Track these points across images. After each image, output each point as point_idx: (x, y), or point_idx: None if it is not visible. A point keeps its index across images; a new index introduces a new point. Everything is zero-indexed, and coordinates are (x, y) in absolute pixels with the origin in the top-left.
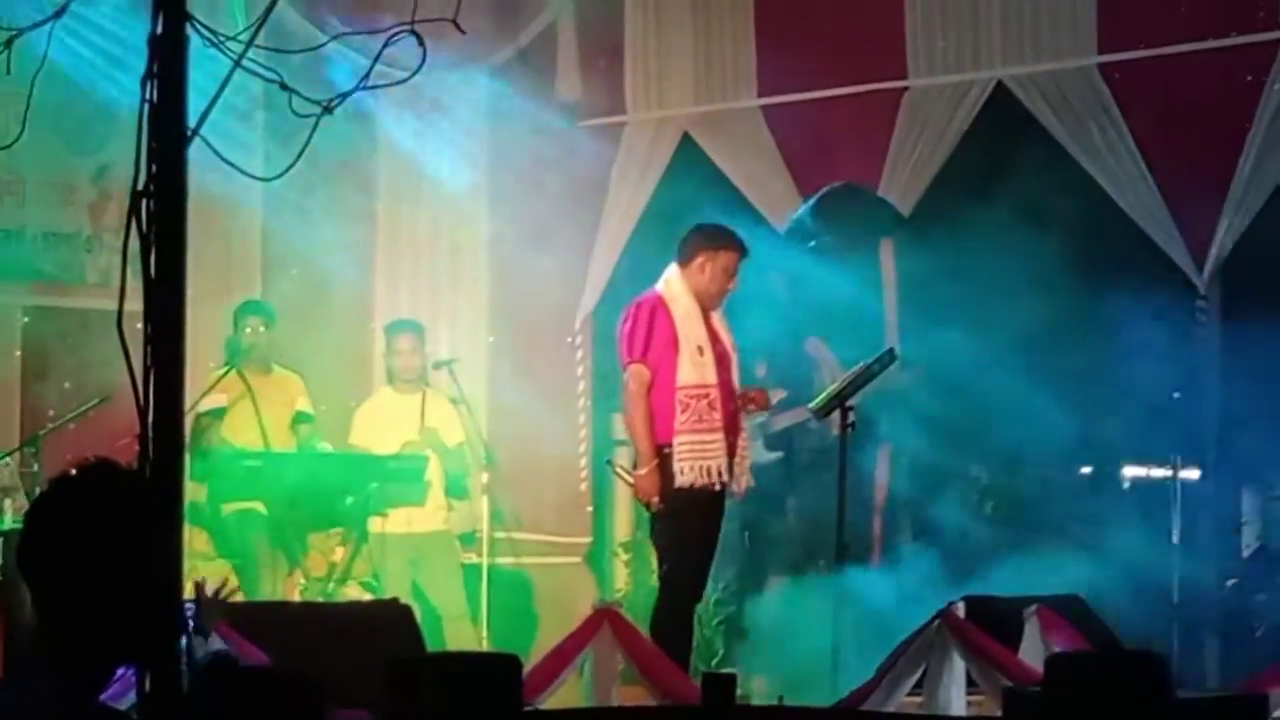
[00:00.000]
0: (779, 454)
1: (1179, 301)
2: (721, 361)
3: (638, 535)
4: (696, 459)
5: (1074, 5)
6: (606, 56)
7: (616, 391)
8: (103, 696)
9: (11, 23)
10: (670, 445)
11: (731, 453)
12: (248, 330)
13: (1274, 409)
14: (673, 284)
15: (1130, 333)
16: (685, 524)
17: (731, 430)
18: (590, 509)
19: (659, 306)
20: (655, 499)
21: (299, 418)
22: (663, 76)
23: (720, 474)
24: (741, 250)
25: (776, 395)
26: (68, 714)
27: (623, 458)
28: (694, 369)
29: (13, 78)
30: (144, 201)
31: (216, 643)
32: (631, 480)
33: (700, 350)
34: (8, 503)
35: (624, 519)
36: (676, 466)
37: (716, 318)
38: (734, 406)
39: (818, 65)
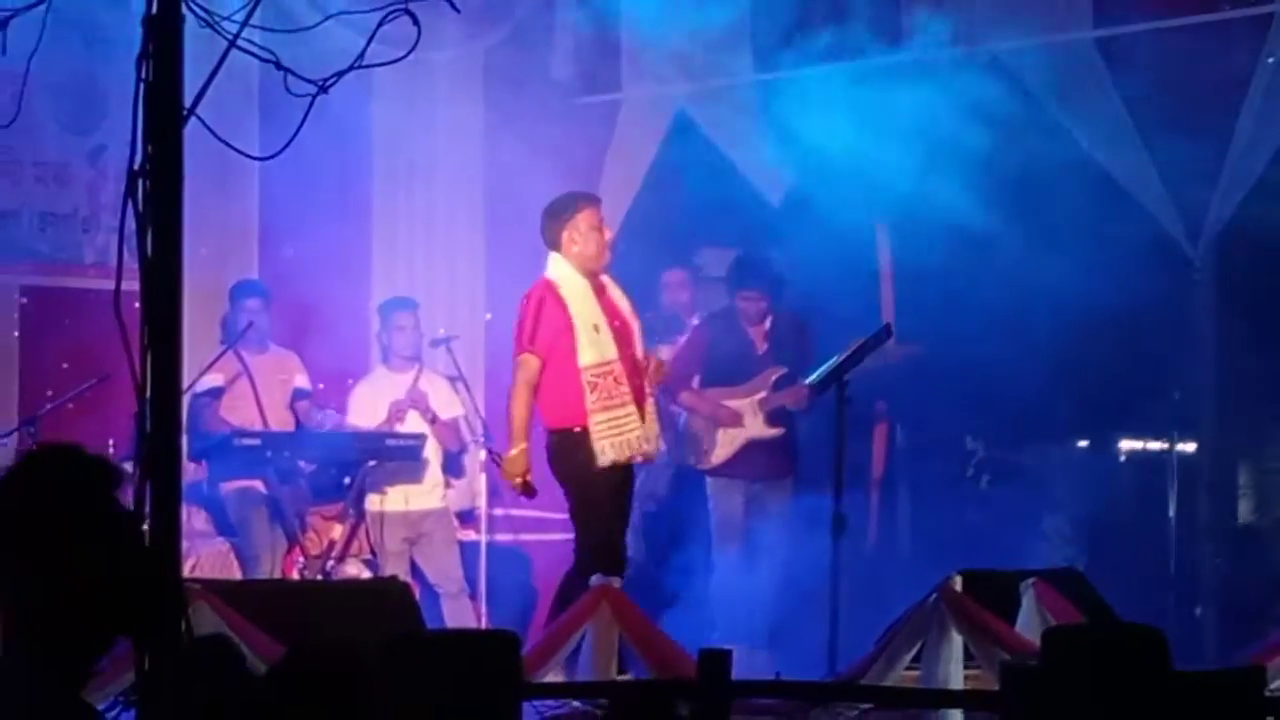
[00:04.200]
0: (779, 430)
1: (1175, 272)
2: (621, 335)
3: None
4: (615, 435)
5: None
6: (601, 33)
7: None
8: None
9: (5, 3)
10: (585, 428)
11: (645, 420)
12: (245, 310)
13: (1269, 379)
14: (558, 266)
15: (1126, 305)
16: (598, 498)
17: (640, 400)
18: None
19: (547, 294)
20: (519, 480)
21: (297, 394)
22: (657, 52)
23: (641, 445)
24: (595, 201)
25: (775, 373)
26: (47, 704)
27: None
28: (593, 347)
29: (8, 58)
30: (140, 181)
31: (217, 625)
32: (500, 461)
33: (596, 328)
34: None
35: None
36: (597, 447)
37: (614, 292)
38: (640, 379)
39: (811, 40)
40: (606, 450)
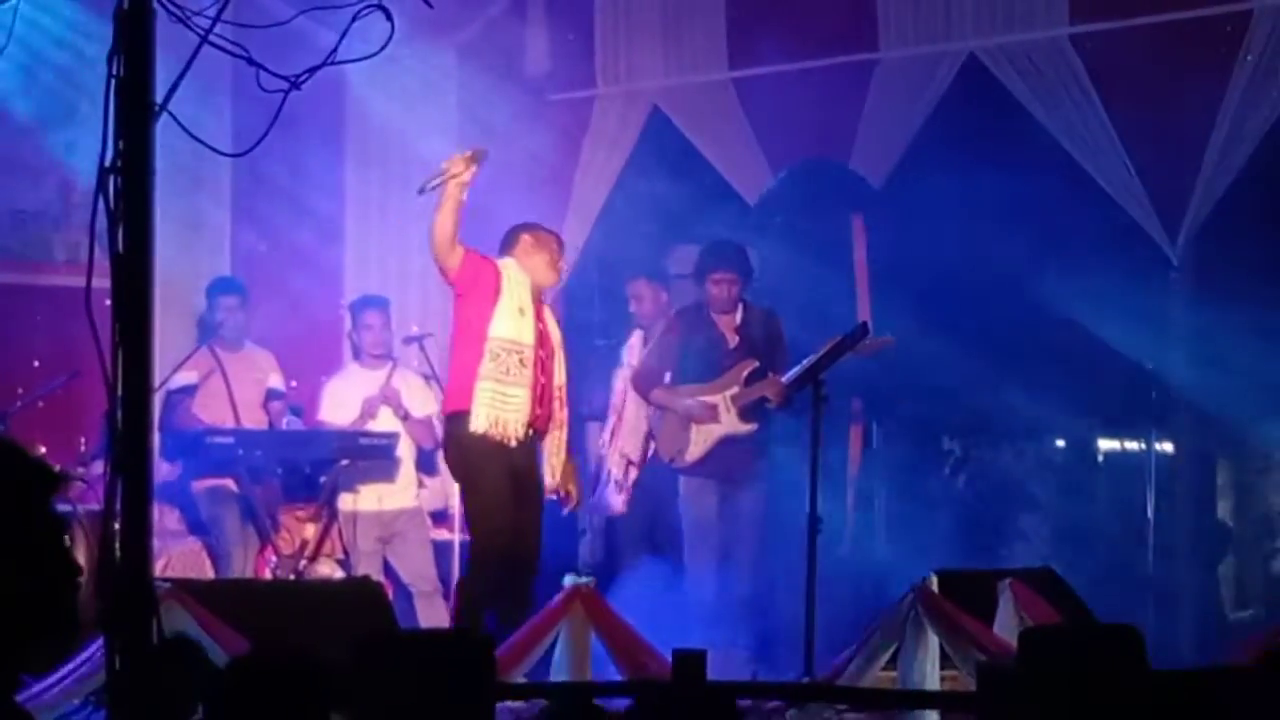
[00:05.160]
0: (752, 426)
1: (1153, 272)
2: (542, 340)
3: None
4: (494, 409)
5: None
6: (575, 29)
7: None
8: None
9: None
10: (468, 412)
11: (538, 428)
12: (221, 308)
13: (1246, 380)
14: (506, 260)
15: (1104, 304)
16: (488, 487)
17: (544, 404)
18: None
19: (491, 261)
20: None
21: (271, 395)
22: (632, 49)
23: (515, 431)
24: (559, 237)
25: (747, 367)
26: None
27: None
28: (511, 324)
29: None
30: (111, 177)
31: (188, 624)
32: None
33: (521, 311)
34: None
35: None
36: (473, 409)
37: (548, 314)
38: (550, 389)
39: (788, 37)
40: (480, 417)
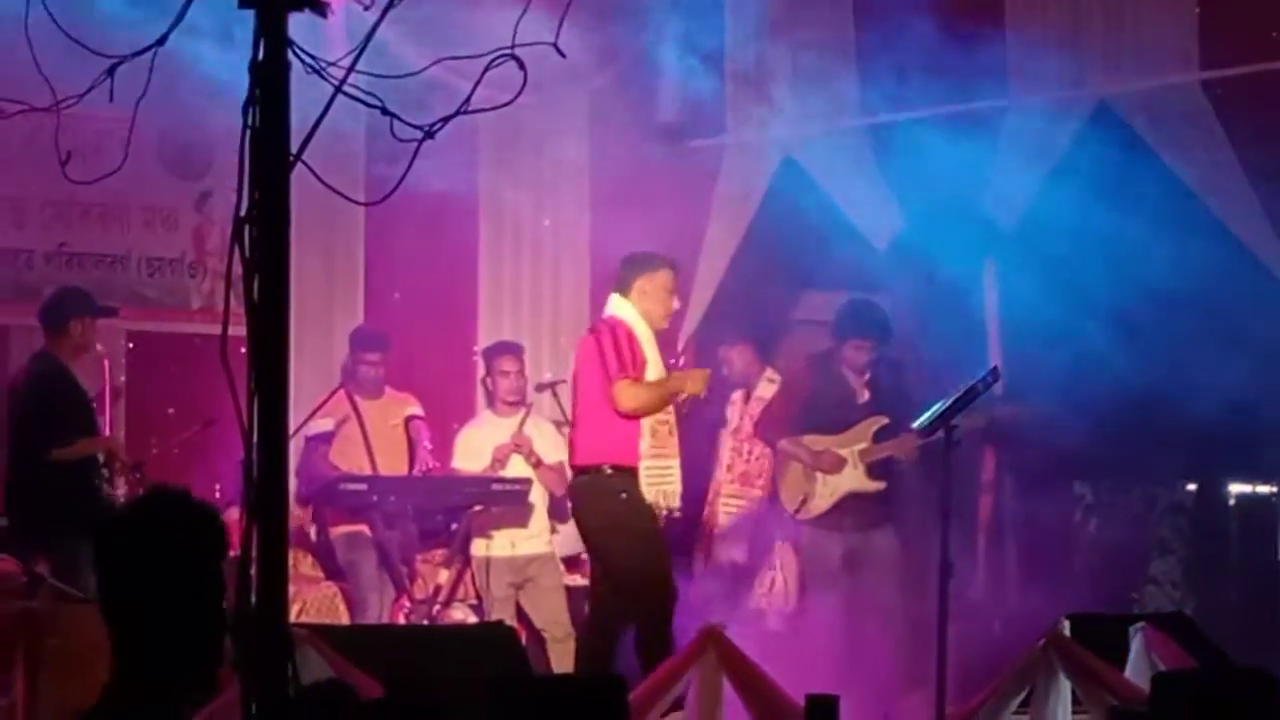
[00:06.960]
0: (880, 485)
1: None
2: None
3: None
4: (659, 484)
5: (1176, 22)
6: (706, 78)
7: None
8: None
9: (113, 49)
10: (634, 468)
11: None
12: (365, 362)
13: None
14: (624, 309)
15: (1234, 347)
16: (637, 533)
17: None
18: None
19: (629, 329)
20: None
21: (411, 417)
22: (764, 97)
23: (673, 502)
24: (674, 267)
25: (876, 424)
26: None
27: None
28: None
29: (115, 104)
30: (247, 227)
31: (323, 669)
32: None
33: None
34: None
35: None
36: (643, 489)
37: None
38: None
39: (920, 83)
40: (648, 494)
